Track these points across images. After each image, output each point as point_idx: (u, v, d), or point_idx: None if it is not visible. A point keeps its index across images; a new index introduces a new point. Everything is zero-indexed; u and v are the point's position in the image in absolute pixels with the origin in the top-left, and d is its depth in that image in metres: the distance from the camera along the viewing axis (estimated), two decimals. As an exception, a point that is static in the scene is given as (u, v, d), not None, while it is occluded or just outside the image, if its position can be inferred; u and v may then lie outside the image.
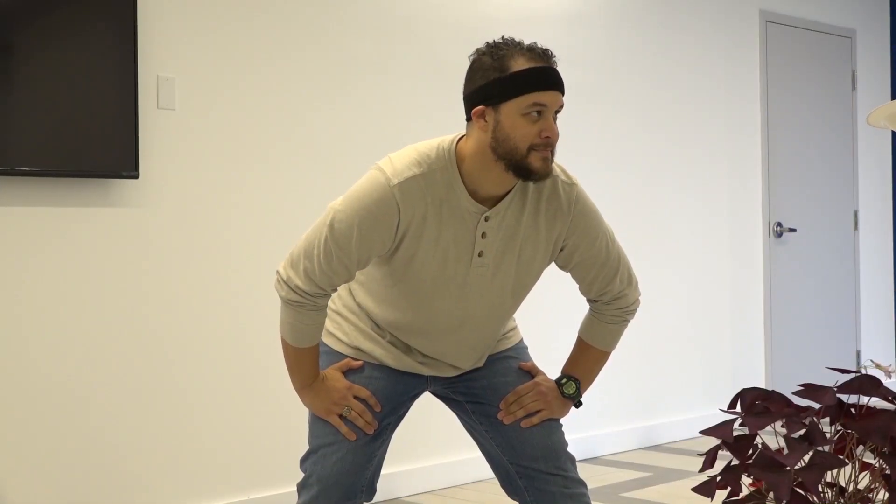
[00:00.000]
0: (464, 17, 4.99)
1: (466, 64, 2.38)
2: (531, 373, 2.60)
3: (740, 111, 6.34)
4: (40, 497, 3.73)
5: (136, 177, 3.88)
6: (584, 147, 5.44)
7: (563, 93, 2.29)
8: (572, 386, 2.56)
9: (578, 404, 2.59)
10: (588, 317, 2.60)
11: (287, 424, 4.33)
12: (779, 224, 6.54)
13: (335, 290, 2.42)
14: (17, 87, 3.63)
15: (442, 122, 4.87)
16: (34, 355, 3.74)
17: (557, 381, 2.57)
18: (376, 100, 4.66)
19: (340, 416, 2.45)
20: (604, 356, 2.61)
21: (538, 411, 2.52)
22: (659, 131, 5.87)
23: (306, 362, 2.47)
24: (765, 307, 6.46)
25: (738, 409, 1.70)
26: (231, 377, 4.20)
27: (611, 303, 2.54)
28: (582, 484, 2.51)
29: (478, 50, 2.32)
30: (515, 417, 2.51)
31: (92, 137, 3.77)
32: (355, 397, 2.47)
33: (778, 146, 6.56)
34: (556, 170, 2.42)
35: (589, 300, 2.58)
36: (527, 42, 2.32)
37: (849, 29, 7.06)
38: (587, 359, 2.60)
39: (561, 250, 2.47)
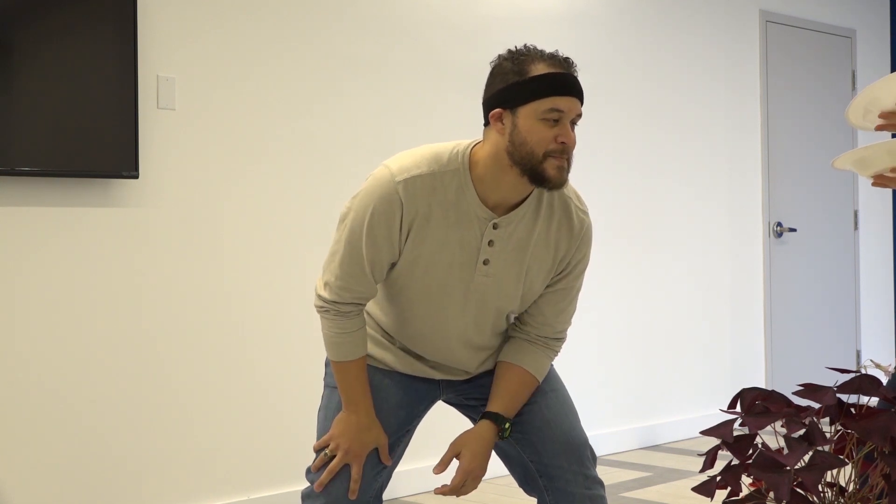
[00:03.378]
0: (464, 17, 4.99)
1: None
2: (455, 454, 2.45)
3: (740, 111, 6.34)
4: (40, 497, 3.73)
5: (136, 177, 3.88)
6: (583, 146, 5.44)
7: (581, 101, 2.29)
8: (510, 429, 2.46)
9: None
10: (527, 347, 2.50)
11: (287, 425, 4.33)
12: (779, 224, 6.54)
13: (359, 299, 2.38)
14: (17, 87, 3.63)
15: (441, 122, 4.87)
16: (34, 355, 3.74)
17: (499, 425, 2.44)
18: (376, 99, 4.66)
19: (331, 459, 2.39)
20: (536, 385, 2.52)
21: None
22: (659, 131, 5.87)
23: (346, 380, 2.41)
24: (765, 307, 6.46)
25: (738, 409, 1.70)
26: (231, 377, 4.20)
27: (558, 334, 2.52)
28: (601, 484, 2.50)
29: (499, 56, 2.34)
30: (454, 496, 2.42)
31: (92, 137, 3.77)
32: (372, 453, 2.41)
33: (778, 146, 6.55)
34: (572, 194, 2.43)
35: (533, 332, 2.51)
36: (548, 50, 2.33)
37: (849, 29, 7.06)
38: (526, 391, 2.49)
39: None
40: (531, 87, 2.25)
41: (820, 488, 1.72)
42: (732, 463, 1.74)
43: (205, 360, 4.13)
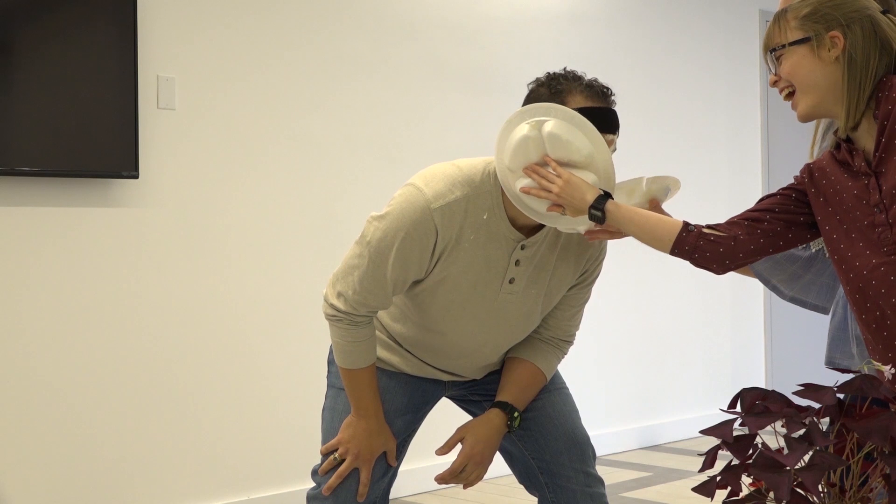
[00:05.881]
0: (463, 16, 4.99)
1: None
2: (460, 438, 2.45)
3: (740, 110, 6.34)
4: (40, 497, 3.73)
5: (136, 177, 3.88)
6: (584, 147, 5.44)
7: (617, 133, 2.26)
8: (519, 418, 2.47)
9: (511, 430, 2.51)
10: (539, 345, 2.52)
11: (288, 425, 4.33)
12: (779, 224, 6.54)
13: (373, 311, 2.34)
14: (17, 87, 3.63)
15: (441, 122, 4.87)
16: (34, 355, 3.74)
17: (508, 414, 2.44)
18: (376, 99, 4.66)
19: (340, 462, 2.38)
20: (545, 382, 2.53)
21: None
22: (659, 131, 5.87)
23: (356, 387, 2.38)
24: (765, 307, 6.46)
25: (738, 409, 1.70)
26: (231, 377, 4.20)
27: (569, 337, 2.54)
28: (601, 483, 2.50)
29: (537, 80, 2.28)
30: (457, 483, 2.43)
31: (92, 137, 3.77)
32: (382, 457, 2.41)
33: (778, 146, 6.55)
34: None
35: (546, 333, 2.53)
36: (588, 76, 2.27)
37: (849, 29, 7.06)
38: (535, 387, 2.50)
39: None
40: None
41: (820, 488, 1.72)
42: (732, 463, 1.74)
43: (204, 360, 4.13)
